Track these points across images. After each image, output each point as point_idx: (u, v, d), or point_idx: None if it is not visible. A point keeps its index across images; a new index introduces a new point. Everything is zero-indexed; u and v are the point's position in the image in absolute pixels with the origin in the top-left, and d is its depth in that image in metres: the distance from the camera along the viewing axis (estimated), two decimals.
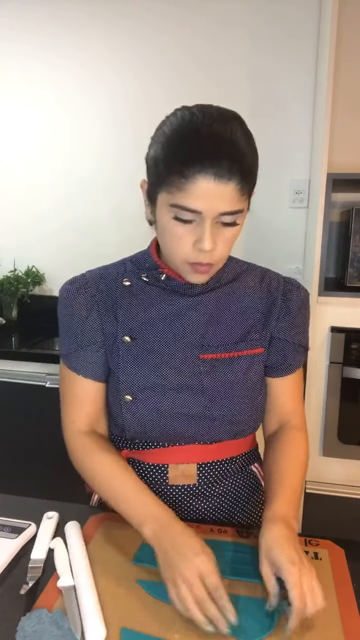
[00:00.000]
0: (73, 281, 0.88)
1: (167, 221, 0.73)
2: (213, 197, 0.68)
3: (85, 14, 2.11)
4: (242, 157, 0.69)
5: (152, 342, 0.84)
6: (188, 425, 0.84)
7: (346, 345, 1.66)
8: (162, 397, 0.84)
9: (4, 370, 1.91)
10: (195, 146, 0.67)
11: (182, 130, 0.70)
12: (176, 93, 2.08)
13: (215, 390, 0.84)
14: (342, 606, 0.67)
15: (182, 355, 0.84)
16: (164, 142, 0.71)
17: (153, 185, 0.74)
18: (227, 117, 0.72)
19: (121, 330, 0.85)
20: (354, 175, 1.62)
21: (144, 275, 0.86)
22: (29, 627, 0.60)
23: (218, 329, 0.85)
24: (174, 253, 0.75)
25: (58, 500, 0.90)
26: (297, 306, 0.89)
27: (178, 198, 0.69)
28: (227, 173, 0.67)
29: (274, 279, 0.91)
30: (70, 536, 0.78)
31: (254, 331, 0.87)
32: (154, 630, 0.61)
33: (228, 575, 0.71)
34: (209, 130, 0.68)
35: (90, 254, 2.25)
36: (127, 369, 0.84)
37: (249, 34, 2.00)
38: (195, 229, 0.72)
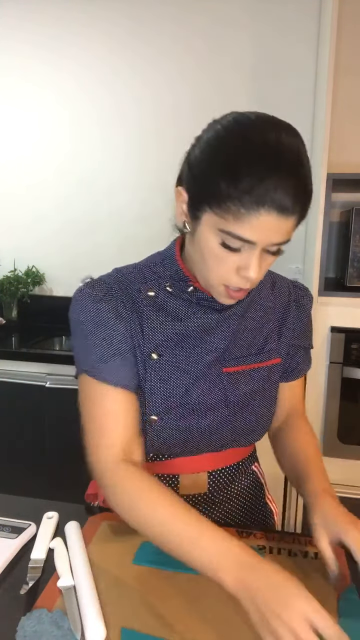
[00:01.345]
0: (93, 285, 0.78)
1: (211, 244, 0.67)
2: (271, 231, 0.63)
3: (85, 14, 2.11)
4: (307, 186, 0.65)
5: (179, 359, 0.79)
6: (210, 439, 0.83)
7: (346, 345, 1.66)
8: (188, 416, 0.80)
9: (4, 370, 1.91)
10: (260, 171, 0.60)
11: (241, 144, 0.62)
12: (176, 93, 2.08)
13: (238, 403, 0.82)
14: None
15: (208, 372, 0.81)
16: (216, 154, 0.64)
17: (199, 201, 0.66)
18: (292, 134, 0.64)
19: (147, 345, 0.78)
20: (354, 175, 1.62)
21: (168, 285, 0.79)
22: (29, 627, 0.60)
23: (239, 342, 0.82)
24: (213, 274, 0.70)
25: (58, 500, 0.90)
26: (307, 312, 0.90)
27: (231, 226, 0.63)
28: (291, 208, 0.62)
29: (284, 286, 0.89)
30: (70, 536, 0.78)
31: (270, 341, 0.86)
32: (154, 630, 0.61)
33: None
34: (276, 150, 0.61)
35: (90, 254, 2.25)
36: (154, 388, 0.79)
37: (248, 34, 2.00)
38: (241, 255, 0.66)
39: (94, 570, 0.71)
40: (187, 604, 0.66)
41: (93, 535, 0.80)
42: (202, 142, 0.67)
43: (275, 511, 1.00)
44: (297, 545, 0.79)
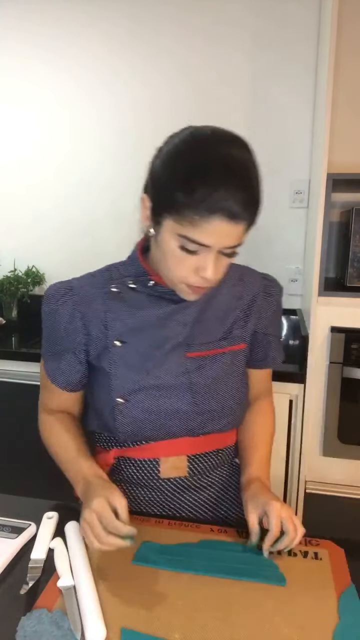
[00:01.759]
0: (58, 287, 0.90)
1: (172, 247, 0.74)
2: (224, 235, 0.71)
3: (85, 14, 2.11)
4: (256, 196, 0.71)
5: (141, 345, 0.87)
6: (178, 421, 0.88)
7: (346, 345, 1.65)
8: (153, 397, 0.86)
9: (4, 370, 1.91)
10: (213, 185, 0.67)
11: (195, 158, 0.69)
12: (176, 93, 2.08)
13: (203, 386, 0.88)
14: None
15: (171, 356, 0.87)
16: (175, 168, 0.70)
17: (160, 208, 0.74)
18: (242, 148, 0.72)
19: (111, 334, 0.87)
20: (354, 175, 1.62)
21: (131, 282, 0.88)
22: (29, 627, 0.60)
23: (203, 328, 0.89)
24: (174, 274, 0.77)
25: (58, 500, 0.90)
26: (276, 302, 0.96)
27: (188, 231, 0.70)
28: (240, 215, 0.69)
29: (252, 277, 0.96)
30: (70, 536, 0.78)
31: (236, 328, 0.92)
32: (154, 630, 0.61)
33: (228, 575, 0.71)
34: (227, 166, 0.68)
35: (90, 254, 2.24)
36: (119, 373, 0.87)
37: (249, 34, 1.99)
38: (198, 257, 0.74)
39: (94, 570, 0.71)
40: (187, 604, 0.66)
41: None
42: (162, 154, 0.74)
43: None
44: (297, 545, 0.79)
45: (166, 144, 0.75)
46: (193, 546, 0.78)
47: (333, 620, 0.64)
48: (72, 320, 0.87)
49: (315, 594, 0.69)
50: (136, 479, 0.91)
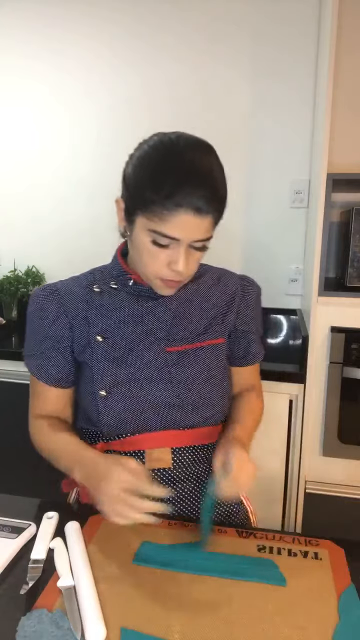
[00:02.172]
0: (44, 288, 0.95)
1: (144, 243, 0.80)
2: (191, 228, 0.76)
3: (85, 14, 2.11)
4: (219, 193, 0.77)
5: (122, 340, 0.91)
6: (161, 414, 0.90)
7: (346, 345, 1.65)
8: (134, 390, 0.90)
9: (4, 370, 1.91)
10: (178, 180, 0.73)
11: (163, 159, 0.76)
12: (176, 93, 2.08)
13: (183, 380, 0.91)
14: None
15: (151, 350, 0.91)
16: (144, 168, 0.77)
17: (132, 208, 0.80)
18: (206, 150, 0.78)
19: (93, 331, 0.91)
20: (354, 175, 1.62)
21: (113, 283, 0.93)
22: (29, 627, 0.60)
23: (182, 324, 0.93)
24: (148, 269, 0.83)
25: (58, 500, 0.90)
26: (254, 300, 1.01)
27: (158, 225, 0.76)
28: (205, 208, 0.75)
29: (230, 278, 1.01)
30: (70, 536, 0.78)
31: (215, 323, 0.96)
32: (154, 630, 0.61)
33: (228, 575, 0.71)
34: (191, 163, 0.75)
35: (90, 254, 2.23)
36: (101, 367, 0.90)
37: (249, 34, 1.99)
38: (170, 251, 0.79)
39: (94, 570, 0.71)
40: (187, 604, 0.66)
41: (93, 535, 0.80)
42: (134, 159, 0.81)
43: (251, 510, 1.04)
44: (297, 545, 0.79)
45: (136, 150, 0.82)
46: (193, 546, 0.78)
47: (333, 620, 0.64)
48: (57, 317, 0.92)
49: (315, 594, 0.69)
50: None
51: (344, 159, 1.63)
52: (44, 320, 0.92)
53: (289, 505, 1.80)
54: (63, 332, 0.92)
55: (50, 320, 0.92)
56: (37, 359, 0.94)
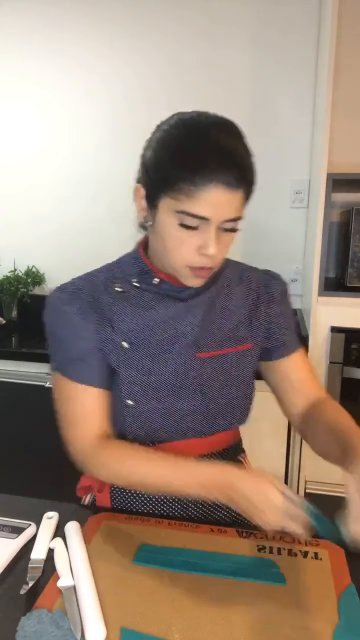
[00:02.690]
0: (63, 288, 0.85)
1: (170, 227, 0.73)
2: (222, 205, 0.70)
3: (85, 14, 2.11)
4: (249, 166, 0.72)
5: (149, 346, 0.84)
6: (187, 422, 0.87)
7: (346, 345, 1.65)
8: (163, 400, 0.85)
9: (4, 370, 1.91)
10: (206, 152, 0.68)
11: (188, 134, 0.70)
12: (176, 93, 2.08)
13: (211, 387, 0.87)
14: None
15: (180, 357, 0.85)
16: (166, 147, 0.72)
17: (155, 190, 0.74)
18: (231, 125, 0.73)
19: (118, 336, 0.84)
20: (354, 175, 1.62)
21: (135, 281, 0.86)
22: (29, 627, 0.60)
23: (210, 328, 0.87)
24: (175, 257, 0.76)
25: (58, 500, 0.90)
26: (280, 295, 0.93)
27: (186, 205, 0.70)
28: (237, 182, 0.69)
29: (253, 274, 0.94)
30: (70, 536, 0.78)
31: (241, 328, 0.90)
32: (154, 630, 0.61)
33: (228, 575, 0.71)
34: (218, 137, 0.69)
35: (90, 254, 2.24)
36: (128, 375, 0.84)
37: (249, 34, 2.00)
38: (199, 235, 0.73)
39: (94, 570, 0.71)
40: (187, 604, 0.66)
41: (93, 535, 0.80)
42: (152, 142, 0.75)
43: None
44: (297, 545, 0.79)
45: (155, 132, 0.76)
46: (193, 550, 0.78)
47: (333, 620, 0.64)
48: (85, 317, 0.83)
49: (315, 594, 0.69)
50: None
51: (344, 159, 1.63)
52: (70, 323, 0.83)
53: None
54: (90, 333, 0.83)
55: (77, 322, 0.83)
56: (78, 368, 0.83)
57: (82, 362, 0.83)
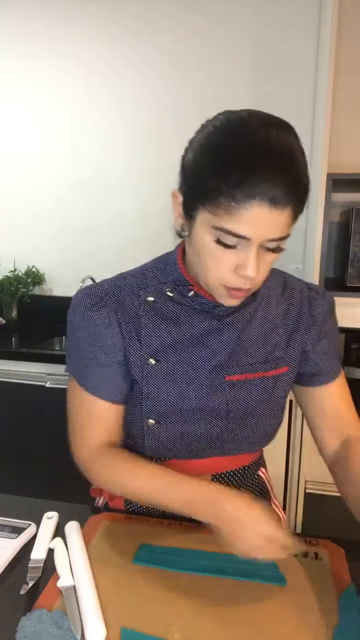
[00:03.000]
0: (91, 293, 0.80)
1: (207, 242, 0.66)
2: (265, 224, 0.62)
3: (86, 14, 2.11)
4: (300, 179, 0.63)
5: (177, 364, 0.79)
6: (209, 445, 0.83)
7: (346, 345, 1.66)
8: (186, 422, 0.81)
9: (4, 370, 1.91)
10: (249, 164, 0.60)
11: (232, 141, 0.63)
12: (176, 93, 2.08)
13: (240, 412, 0.81)
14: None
15: (209, 378, 0.80)
16: (208, 153, 0.64)
17: (193, 200, 0.67)
18: (284, 128, 0.65)
19: (145, 350, 0.79)
20: (354, 175, 1.62)
21: (168, 290, 0.79)
22: (29, 627, 0.60)
23: (244, 349, 0.81)
24: (211, 275, 0.69)
25: (58, 500, 0.90)
26: (323, 315, 0.85)
27: (224, 221, 0.63)
28: (284, 198, 0.61)
29: (296, 290, 0.85)
30: (70, 536, 0.78)
31: (277, 350, 0.83)
32: (154, 630, 0.61)
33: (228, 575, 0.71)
34: (264, 144, 0.61)
35: (90, 254, 2.25)
36: (152, 393, 0.80)
37: (249, 35, 2.00)
38: (237, 253, 0.66)
39: (94, 570, 0.71)
40: (187, 604, 0.66)
41: (93, 535, 0.80)
42: (194, 143, 0.68)
43: (283, 517, 0.98)
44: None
45: (198, 132, 0.68)
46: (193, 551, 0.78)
47: (333, 620, 0.64)
48: (109, 326, 0.79)
49: (315, 594, 0.69)
50: None
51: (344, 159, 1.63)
52: (94, 330, 0.79)
53: (289, 505, 1.80)
54: (117, 342, 0.79)
55: (102, 329, 0.78)
56: (92, 377, 0.80)
57: (97, 373, 0.80)
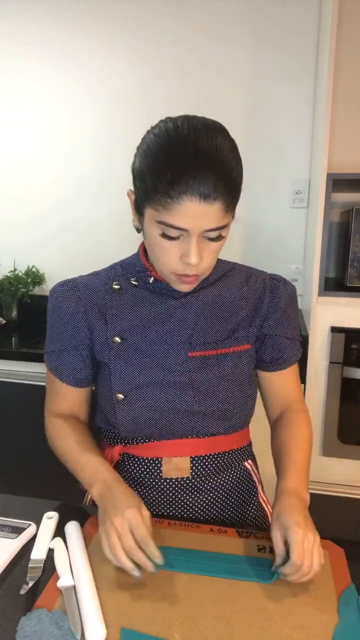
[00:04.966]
0: (63, 283, 0.91)
1: (155, 235, 0.75)
2: (199, 216, 0.70)
3: (85, 14, 2.11)
4: (228, 175, 0.70)
5: (141, 342, 0.87)
6: (180, 421, 0.87)
7: (346, 345, 1.65)
8: (153, 395, 0.86)
9: (4, 370, 1.91)
10: (180, 165, 0.68)
11: (166, 146, 0.70)
12: (176, 93, 2.08)
13: (205, 386, 0.87)
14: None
15: (172, 354, 0.87)
16: (148, 157, 0.72)
17: (140, 199, 0.76)
18: (213, 131, 0.71)
19: (111, 331, 0.88)
20: (354, 175, 1.62)
21: (133, 279, 0.89)
22: (29, 627, 0.60)
23: (205, 327, 0.88)
24: (161, 264, 0.78)
25: (58, 500, 0.90)
26: (285, 301, 0.92)
27: (164, 216, 0.71)
28: (212, 192, 0.69)
29: (259, 278, 0.93)
30: (70, 536, 0.78)
31: (240, 328, 0.90)
32: (154, 630, 0.61)
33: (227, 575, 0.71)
34: (194, 147, 0.69)
35: (90, 254, 2.25)
36: (118, 369, 0.87)
37: (249, 34, 2.00)
38: (181, 243, 0.74)
39: (94, 570, 0.71)
40: (187, 604, 0.66)
41: (93, 535, 0.80)
42: (139, 149, 0.77)
43: (270, 513, 0.99)
44: None
45: (143, 139, 0.77)
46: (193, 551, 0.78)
47: (333, 620, 0.64)
48: (75, 315, 0.89)
49: (315, 593, 0.69)
50: (139, 478, 0.91)
51: (344, 159, 1.63)
52: (62, 318, 0.90)
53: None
54: (81, 330, 0.89)
55: (68, 318, 0.89)
56: (54, 357, 0.91)
57: (60, 357, 0.90)
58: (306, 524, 0.71)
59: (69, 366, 0.90)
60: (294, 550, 0.67)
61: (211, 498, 0.91)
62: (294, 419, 0.92)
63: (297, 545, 0.68)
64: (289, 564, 0.67)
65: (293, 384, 0.96)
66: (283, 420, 0.93)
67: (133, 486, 0.92)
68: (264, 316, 0.91)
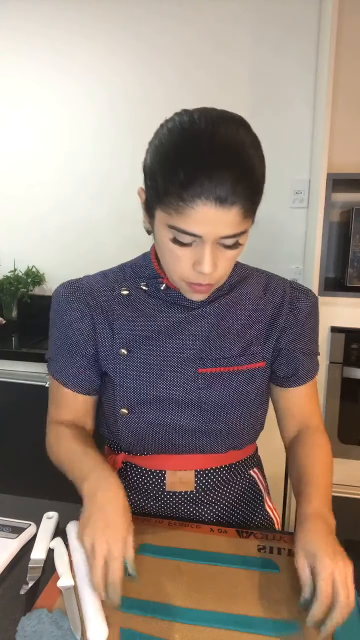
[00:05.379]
0: (68, 285, 0.85)
1: (165, 240, 0.68)
2: (214, 222, 0.63)
3: (85, 14, 2.11)
4: (248, 176, 0.62)
5: (149, 355, 0.81)
6: (185, 439, 0.83)
7: (346, 345, 1.66)
8: (158, 412, 0.82)
9: (4, 370, 1.91)
10: (193, 165, 0.60)
11: (179, 142, 0.63)
12: (176, 93, 2.08)
13: (213, 405, 0.81)
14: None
15: (180, 370, 0.81)
16: (159, 154, 0.65)
17: (150, 199, 0.69)
18: (232, 125, 0.64)
19: (117, 342, 0.82)
20: (354, 175, 1.62)
21: (143, 284, 0.83)
22: (29, 627, 0.60)
23: (218, 342, 0.81)
24: (172, 271, 0.72)
25: (58, 500, 0.90)
26: (304, 315, 0.85)
27: (176, 220, 0.64)
28: (230, 196, 0.61)
29: (279, 287, 0.85)
30: (71, 536, 0.78)
31: (255, 344, 0.83)
32: (154, 631, 0.61)
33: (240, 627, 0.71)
34: (210, 143, 0.61)
35: (90, 254, 2.25)
36: (124, 383, 0.82)
37: (249, 34, 2.00)
38: (194, 250, 0.67)
39: None
40: (187, 604, 0.66)
41: None
42: (151, 145, 0.69)
43: (277, 520, 0.98)
44: None
45: (155, 134, 0.69)
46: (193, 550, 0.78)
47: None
48: (81, 320, 0.83)
49: None
50: (142, 488, 0.88)
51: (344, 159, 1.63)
52: (66, 322, 0.83)
53: (289, 505, 1.80)
54: (87, 335, 0.82)
55: (73, 322, 0.83)
56: (58, 364, 0.85)
57: (64, 363, 0.85)
58: (335, 553, 0.63)
59: (74, 373, 0.84)
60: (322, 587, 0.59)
61: (216, 510, 0.88)
62: (313, 441, 0.84)
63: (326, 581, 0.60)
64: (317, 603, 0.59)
65: (310, 402, 0.89)
66: (304, 441, 0.85)
67: (135, 495, 0.89)
68: (281, 330, 0.84)
